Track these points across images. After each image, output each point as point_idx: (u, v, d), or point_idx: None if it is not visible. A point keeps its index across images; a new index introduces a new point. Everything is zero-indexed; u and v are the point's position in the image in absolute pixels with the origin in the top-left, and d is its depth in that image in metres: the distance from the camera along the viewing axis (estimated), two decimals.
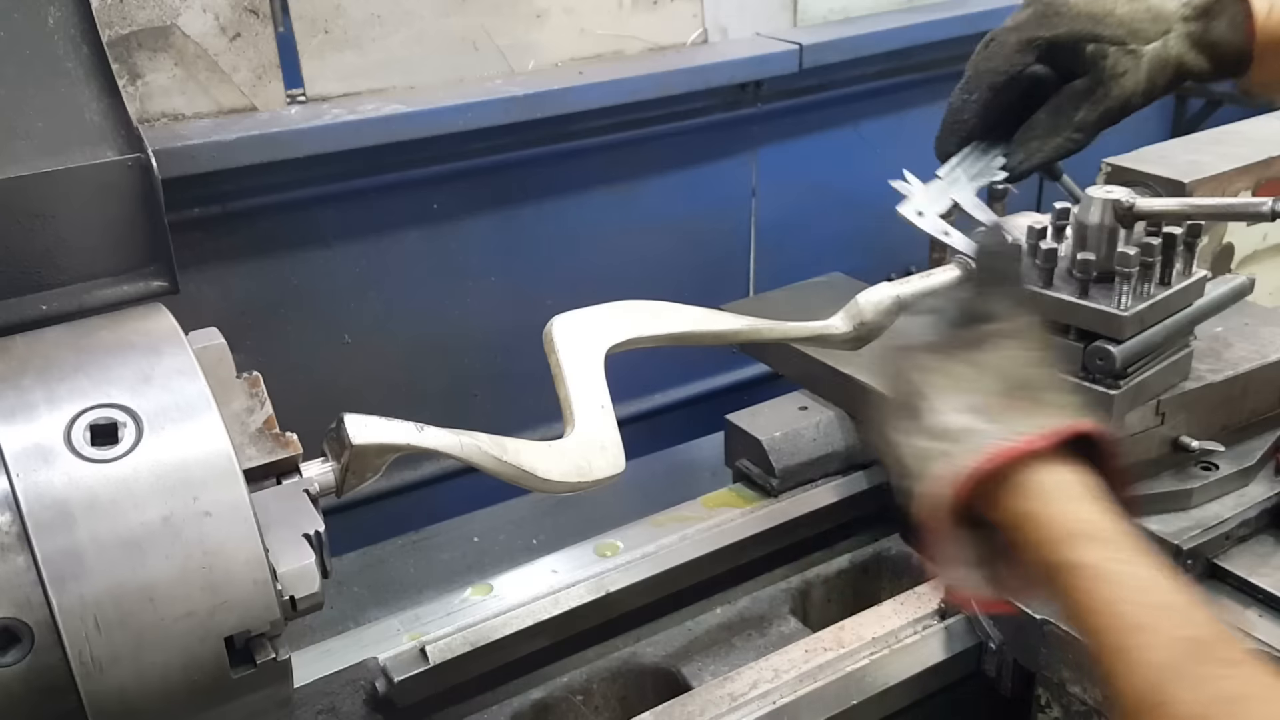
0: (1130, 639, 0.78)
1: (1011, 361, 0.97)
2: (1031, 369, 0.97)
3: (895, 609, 1.55)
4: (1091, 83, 1.16)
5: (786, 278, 2.22)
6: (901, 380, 1.01)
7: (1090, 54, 1.15)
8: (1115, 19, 1.13)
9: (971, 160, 1.22)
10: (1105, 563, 0.82)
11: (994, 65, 1.17)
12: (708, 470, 2.22)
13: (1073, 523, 0.86)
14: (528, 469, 1.13)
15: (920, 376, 0.99)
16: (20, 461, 0.88)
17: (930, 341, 1.03)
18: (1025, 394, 0.94)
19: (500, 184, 2.05)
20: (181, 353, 0.99)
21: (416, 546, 2.18)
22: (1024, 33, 1.16)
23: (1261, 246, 2.24)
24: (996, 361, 0.97)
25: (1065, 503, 0.87)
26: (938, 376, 0.98)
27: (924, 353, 1.01)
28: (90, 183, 1.21)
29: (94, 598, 0.87)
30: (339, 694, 1.46)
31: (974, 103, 1.18)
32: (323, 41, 1.86)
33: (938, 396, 0.97)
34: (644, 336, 1.31)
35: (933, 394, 0.97)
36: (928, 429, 0.96)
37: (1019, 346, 0.98)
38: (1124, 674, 0.78)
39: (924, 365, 1.00)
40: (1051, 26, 1.14)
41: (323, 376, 1.96)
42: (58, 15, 1.25)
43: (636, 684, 1.61)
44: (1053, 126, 1.18)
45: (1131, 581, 0.81)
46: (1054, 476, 0.89)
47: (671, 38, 2.20)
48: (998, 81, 1.17)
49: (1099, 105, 1.16)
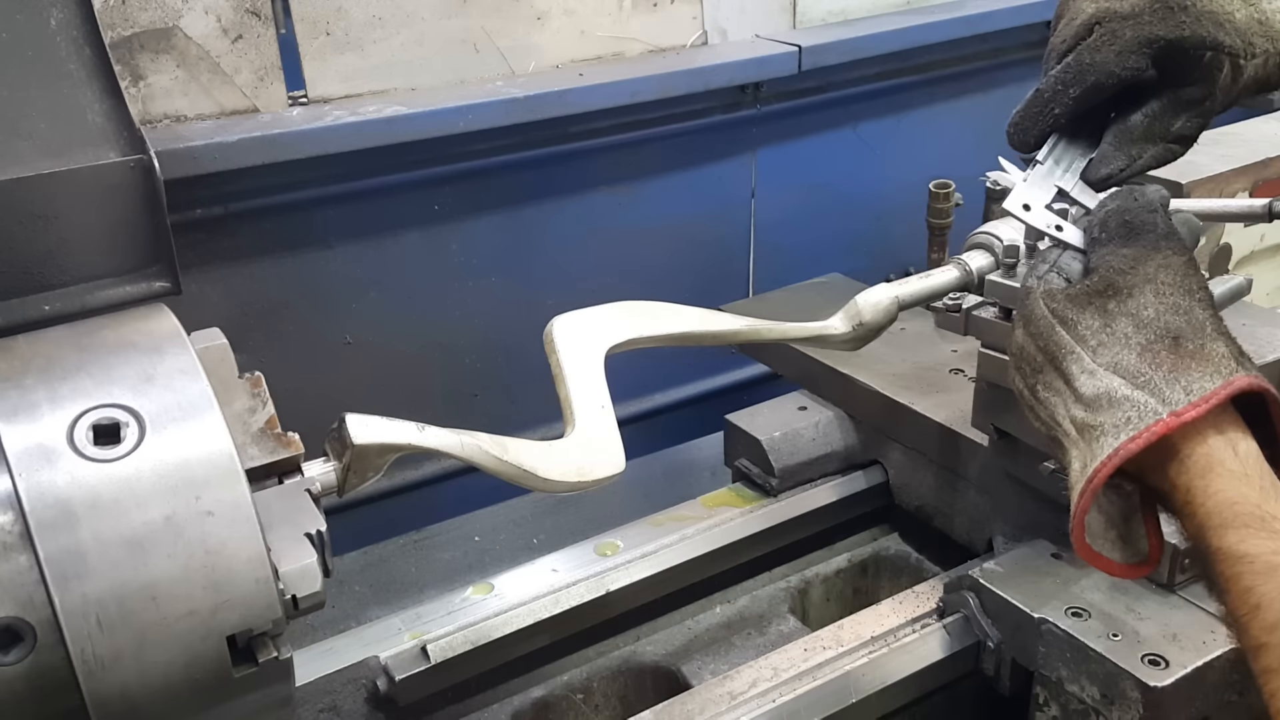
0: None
1: (1157, 309, 0.90)
2: (1179, 316, 0.90)
3: (894, 608, 1.56)
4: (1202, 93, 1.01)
5: (786, 278, 2.23)
6: (1042, 336, 0.95)
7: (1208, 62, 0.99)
8: (1235, 26, 0.99)
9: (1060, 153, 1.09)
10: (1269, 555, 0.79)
11: (1103, 61, 0.99)
12: (707, 470, 2.22)
13: (1234, 505, 0.82)
14: (528, 469, 1.14)
15: (1061, 332, 0.93)
16: (23, 461, 0.89)
17: (1068, 290, 0.96)
18: (1176, 346, 0.88)
19: (501, 185, 2.05)
20: (184, 353, 1.00)
21: (417, 546, 2.18)
22: (1144, 28, 0.98)
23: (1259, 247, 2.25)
24: (1140, 310, 0.91)
25: (1226, 480, 0.83)
26: (1080, 330, 0.92)
27: (1064, 304, 0.95)
28: (93, 184, 1.22)
29: (96, 597, 0.87)
30: (340, 692, 1.46)
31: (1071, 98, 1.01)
32: (324, 43, 1.86)
33: (1083, 354, 0.91)
34: (644, 337, 1.31)
35: (1078, 350, 0.92)
36: (1077, 393, 0.91)
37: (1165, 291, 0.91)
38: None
39: (1064, 316, 0.94)
40: (1177, 26, 0.98)
41: (324, 377, 1.96)
42: (60, 17, 1.25)
43: (636, 682, 1.62)
44: (1151, 132, 1.03)
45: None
46: (1212, 448, 0.85)
47: (671, 39, 2.20)
48: (1106, 84, 1.00)
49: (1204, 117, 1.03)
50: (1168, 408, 0.86)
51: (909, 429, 1.71)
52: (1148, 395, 0.87)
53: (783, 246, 2.40)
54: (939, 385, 1.74)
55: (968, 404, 1.60)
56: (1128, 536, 0.95)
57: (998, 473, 1.58)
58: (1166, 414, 0.85)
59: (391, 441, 1.06)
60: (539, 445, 1.17)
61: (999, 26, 2.45)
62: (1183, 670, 1.23)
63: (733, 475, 1.89)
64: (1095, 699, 1.29)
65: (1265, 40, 1.01)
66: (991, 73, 2.53)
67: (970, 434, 1.59)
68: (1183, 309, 0.90)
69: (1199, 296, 0.92)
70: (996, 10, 2.43)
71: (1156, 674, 1.23)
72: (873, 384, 1.75)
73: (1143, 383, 0.88)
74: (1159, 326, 0.90)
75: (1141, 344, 0.89)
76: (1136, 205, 0.98)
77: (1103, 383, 0.90)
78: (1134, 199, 0.99)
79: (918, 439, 1.72)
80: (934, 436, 1.67)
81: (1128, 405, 0.88)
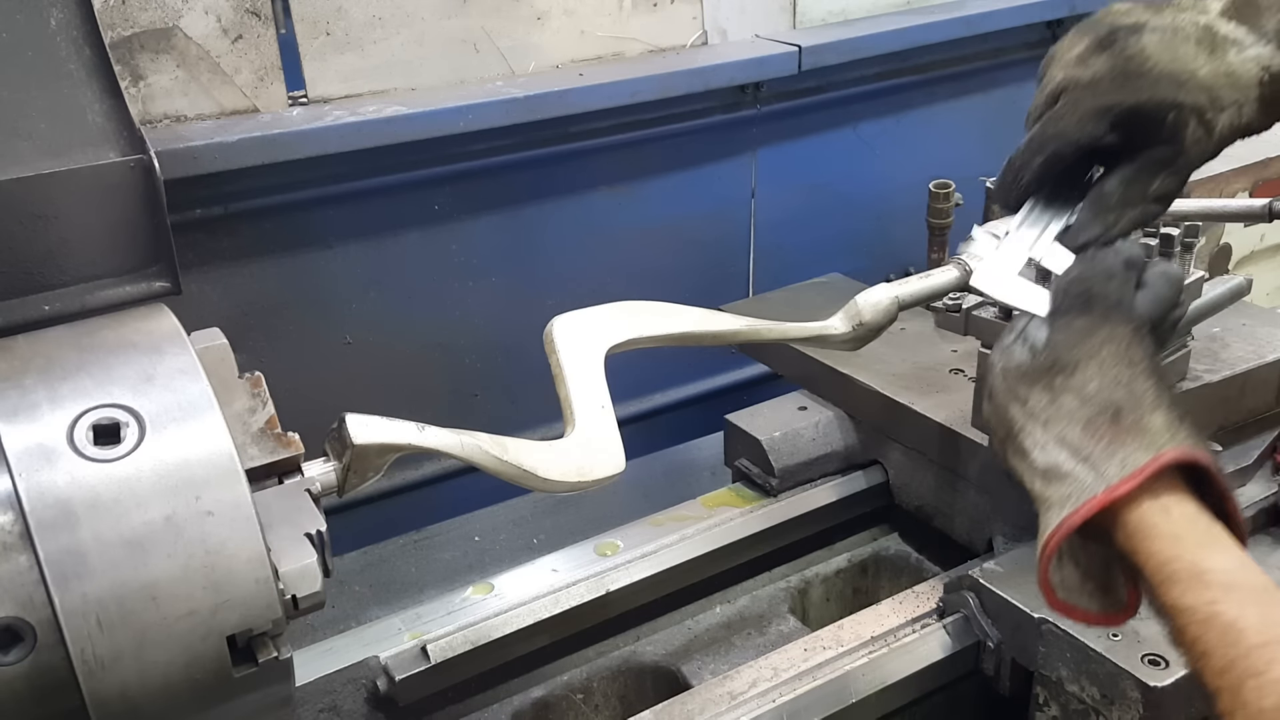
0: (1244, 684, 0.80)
1: (1100, 383, 0.95)
2: (1120, 389, 0.95)
3: (894, 608, 1.56)
4: (1172, 152, 1.03)
5: (785, 278, 2.23)
6: (999, 410, 1.02)
7: (1172, 122, 1.01)
8: (1198, 83, 1.01)
9: (1035, 217, 1.12)
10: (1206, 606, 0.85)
11: (1063, 130, 1.03)
12: (707, 470, 2.22)
13: (1170, 564, 0.88)
14: (528, 469, 1.14)
15: (1016, 408, 1.00)
16: (23, 461, 0.89)
17: (1021, 367, 1.01)
18: (1116, 420, 0.93)
19: (501, 185, 2.05)
20: (184, 353, 1.00)
21: (417, 546, 2.18)
22: (1101, 97, 1.02)
23: (1259, 247, 2.25)
24: (1084, 385, 0.96)
25: (1160, 542, 0.89)
26: (1032, 405, 0.98)
27: (1016, 380, 1.01)
28: (93, 184, 1.22)
29: (96, 597, 0.87)
30: (340, 692, 1.46)
31: (1037, 167, 1.05)
32: (324, 43, 1.86)
33: (1035, 428, 0.97)
34: (644, 337, 1.31)
35: (1029, 426, 0.98)
36: (1032, 465, 0.97)
37: (1108, 364, 0.96)
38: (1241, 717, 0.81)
39: (1018, 394, 1.00)
40: (1134, 91, 1.01)
41: (324, 377, 1.96)
42: (60, 17, 1.25)
43: (636, 682, 1.62)
44: (1127, 197, 1.05)
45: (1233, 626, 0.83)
46: (1145, 513, 0.90)
47: (671, 40, 2.20)
48: (1065, 152, 1.04)
49: (1180, 175, 1.05)
50: (1103, 483, 0.91)
51: (909, 429, 1.71)
52: (1087, 469, 0.93)
53: (783, 246, 2.40)
54: (939, 385, 1.74)
55: (968, 404, 1.60)
56: (1107, 585, 0.98)
57: (998, 473, 1.56)
58: (1102, 489, 0.91)
59: (391, 441, 1.06)
60: (539, 445, 1.17)
61: (999, 26, 2.45)
62: (1183, 670, 1.23)
63: (733, 475, 1.89)
64: (1095, 699, 1.29)
65: (1234, 91, 1.02)
66: (991, 73, 2.53)
67: (970, 434, 1.59)
68: (1124, 381, 0.95)
69: (1141, 367, 0.96)
70: (996, 10, 2.43)
71: (1156, 674, 1.23)
72: (873, 384, 1.75)
73: (1084, 457, 0.94)
74: (1100, 401, 0.95)
75: (1085, 419, 0.95)
76: (1094, 274, 1.02)
77: (1052, 456, 0.96)
78: (1094, 266, 1.03)
79: (918, 439, 1.72)
80: (934, 436, 1.67)
81: (1070, 480, 0.94)
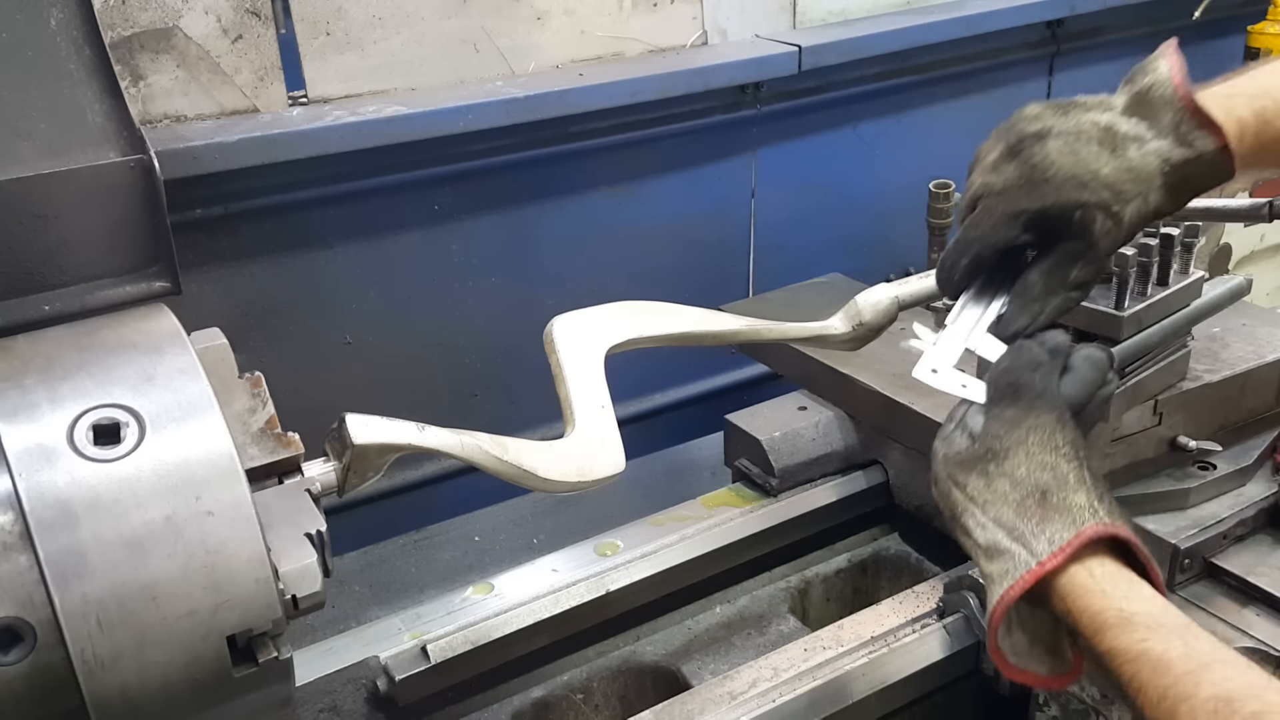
0: (1178, 709, 0.89)
1: (1028, 468, 1.05)
2: (1046, 472, 1.04)
3: (894, 608, 1.56)
4: (1083, 245, 1.12)
5: (786, 278, 2.23)
6: (943, 494, 1.12)
7: (1079, 220, 1.11)
8: (1100, 182, 1.10)
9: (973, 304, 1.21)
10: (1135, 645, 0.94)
11: (983, 235, 1.13)
12: (707, 470, 2.22)
13: (1100, 614, 0.97)
14: (528, 469, 1.14)
15: (957, 493, 1.09)
16: (23, 461, 0.89)
17: (960, 454, 1.10)
18: (1043, 500, 1.03)
19: (501, 185, 2.05)
20: (184, 353, 1.00)
21: (417, 546, 2.18)
22: (1012, 204, 1.12)
23: (1259, 247, 2.25)
24: (1014, 470, 1.05)
25: (1089, 598, 0.98)
26: (970, 490, 1.08)
27: (955, 467, 1.10)
28: (93, 184, 1.22)
29: (96, 597, 0.87)
30: (340, 692, 1.47)
31: (964, 267, 1.16)
32: (324, 43, 1.86)
33: (975, 510, 1.07)
34: (644, 337, 1.31)
35: (970, 509, 1.07)
36: (976, 544, 1.07)
37: (1034, 451, 1.05)
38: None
39: (957, 480, 1.10)
40: (1040, 197, 1.10)
41: (324, 377, 1.96)
42: (60, 17, 1.25)
43: (636, 682, 1.62)
44: (1049, 286, 1.14)
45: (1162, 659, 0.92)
46: (1073, 577, 1.00)
47: (671, 39, 2.20)
48: (986, 254, 1.14)
49: (1094, 263, 1.14)
50: (1035, 558, 1.01)
51: (909, 429, 1.71)
52: (1020, 547, 1.02)
53: (783, 246, 2.40)
54: None
55: None
56: (1054, 648, 1.06)
57: None
58: (1034, 564, 1.01)
59: (391, 441, 1.06)
60: (539, 445, 1.17)
61: (999, 26, 2.45)
62: None
63: (733, 475, 1.89)
64: (1095, 699, 1.29)
65: (1137, 184, 1.10)
66: (991, 73, 2.53)
67: None
68: (1049, 465, 1.05)
69: (1064, 452, 1.05)
70: (996, 10, 2.43)
71: None
72: (873, 384, 1.75)
73: (1017, 535, 1.03)
74: (1029, 485, 1.04)
75: (1016, 501, 1.04)
76: (1020, 364, 1.11)
77: (990, 535, 1.05)
78: (1020, 357, 1.12)
79: (918, 439, 1.71)
80: (934, 436, 1.66)
81: (1008, 556, 1.03)
